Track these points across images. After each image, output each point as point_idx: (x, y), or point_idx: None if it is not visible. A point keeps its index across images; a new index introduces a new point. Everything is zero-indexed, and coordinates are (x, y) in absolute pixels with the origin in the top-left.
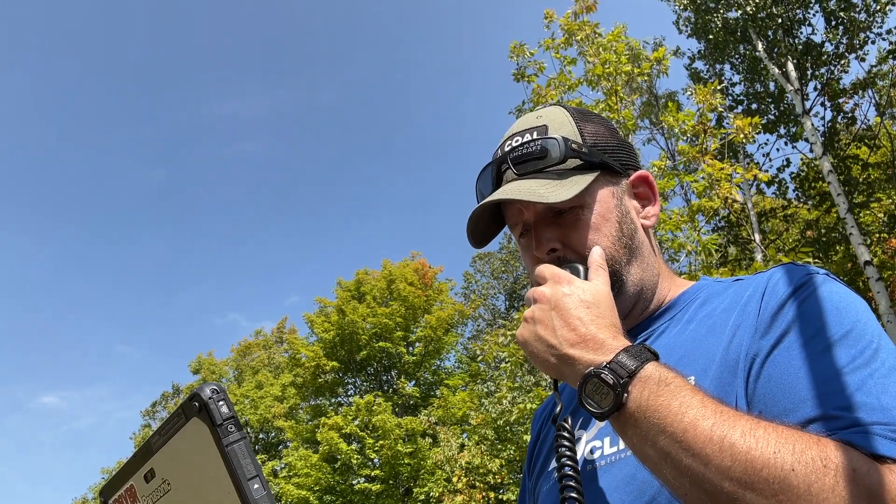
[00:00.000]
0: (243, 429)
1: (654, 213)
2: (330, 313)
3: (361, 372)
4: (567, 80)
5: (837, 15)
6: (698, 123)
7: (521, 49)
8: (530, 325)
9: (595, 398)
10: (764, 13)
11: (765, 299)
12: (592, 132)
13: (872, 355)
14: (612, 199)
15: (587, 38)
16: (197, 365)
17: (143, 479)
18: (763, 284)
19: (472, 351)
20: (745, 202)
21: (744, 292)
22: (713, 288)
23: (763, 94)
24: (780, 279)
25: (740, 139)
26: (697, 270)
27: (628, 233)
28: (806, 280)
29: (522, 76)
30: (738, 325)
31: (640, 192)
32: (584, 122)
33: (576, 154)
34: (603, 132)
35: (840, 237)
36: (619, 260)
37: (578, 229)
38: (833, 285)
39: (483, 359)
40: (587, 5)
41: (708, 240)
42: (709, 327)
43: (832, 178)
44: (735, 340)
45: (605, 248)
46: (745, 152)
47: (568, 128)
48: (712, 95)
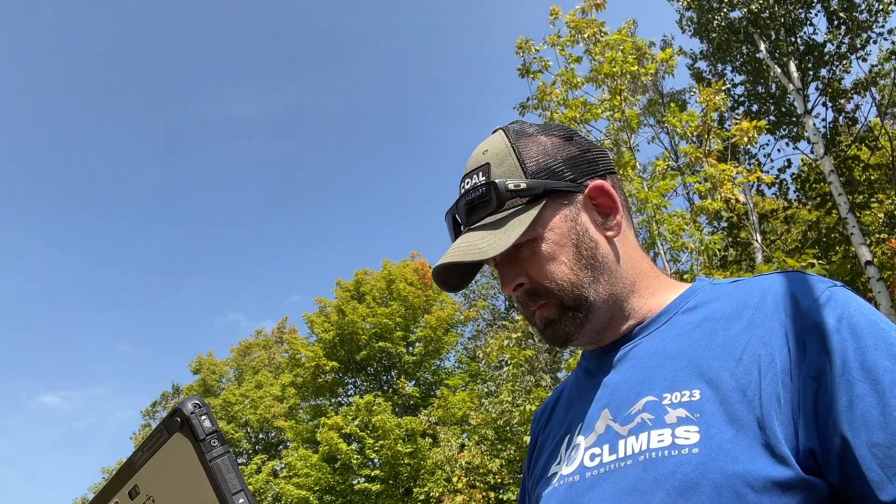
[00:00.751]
0: (227, 443)
1: (617, 221)
2: (330, 313)
3: (361, 372)
4: (572, 77)
5: (839, 15)
6: (702, 124)
7: (528, 45)
8: None
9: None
10: (767, 13)
11: (789, 317)
12: (535, 156)
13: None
14: (564, 224)
15: (592, 35)
16: (197, 365)
17: (128, 496)
18: (773, 295)
19: (472, 351)
20: (747, 203)
21: (748, 300)
22: (710, 291)
23: (764, 95)
24: (800, 294)
25: (744, 142)
26: (699, 271)
27: (588, 253)
28: (831, 298)
29: (528, 72)
30: (748, 340)
31: (598, 204)
32: (526, 145)
33: (514, 194)
34: (548, 150)
35: (840, 237)
36: (580, 283)
37: (536, 262)
38: (857, 305)
39: (485, 361)
40: (597, 3)
41: (711, 240)
42: (709, 337)
43: (833, 179)
44: (746, 358)
45: (564, 275)
46: (747, 153)
47: (509, 161)
48: (716, 95)
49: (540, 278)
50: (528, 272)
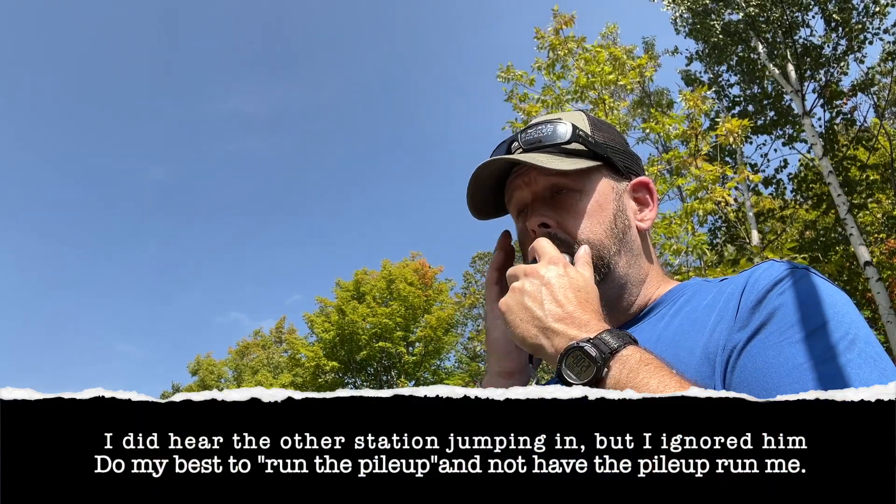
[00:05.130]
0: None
1: (651, 217)
2: (330, 313)
3: (361, 372)
4: (552, 92)
5: (835, 18)
6: (689, 128)
7: (510, 70)
8: (517, 296)
9: (575, 370)
10: (763, 17)
11: (745, 294)
12: (603, 133)
13: (849, 345)
14: (610, 192)
15: (570, 52)
16: (196, 365)
17: None
18: (744, 280)
19: (472, 351)
20: (744, 202)
21: (726, 288)
22: (700, 286)
23: (760, 96)
24: (761, 274)
25: (730, 142)
26: (689, 271)
27: (621, 227)
28: (785, 274)
29: (515, 97)
30: (719, 320)
31: (639, 197)
32: (599, 125)
33: (582, 140)
34: (613, 138)
35: (839, 238)
36: (608, 247)
37: (573, 212)
38: (813, 279)
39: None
40: (566, 20)
41: (697, 240)
42: (691, 322)
43: (832, 180)
44: (714, 335)
45: (596, 234)
46: (741, 153)
47: (582, 122)
48: (703, 101)
49: (572, 229)
50: (560, 219)
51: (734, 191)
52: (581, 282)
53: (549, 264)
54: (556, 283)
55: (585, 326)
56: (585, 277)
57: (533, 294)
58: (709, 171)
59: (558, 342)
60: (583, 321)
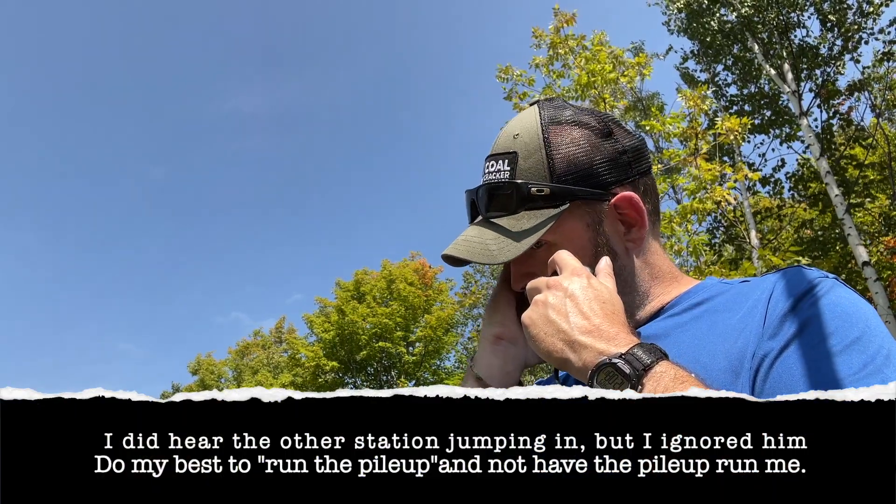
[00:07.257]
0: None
1: (640, 236)
2: (330, 313)
3: (361, 372)
4: (552, 91)
5: (830, 18)
6: (689, 128)
7: (509, 70)
8: (541, 309)
9: (607, 387)
10: (758, 17)
11: (772, 302)
12: (565, 154)
13: (885, 361)
14: (585, 234)
15: (571, 51)
16: (196, 365)
17: None
18: (771, 286)
19: (472, 351)
20: (742, 201)
21: (750, 294)
22: (717, 288)
23: (756, 96)
24: (789, 281)
25: (730, 140)
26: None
27: None
28: (815, 284)
29: (515, 96)
30: (743, 326)
31: (626, 215)
32: (558, 136)
33: (536, 198)
34: (580, 148)
35: (837, 237)
36: None
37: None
38: (842, 290)
39: None
40: (566, 18)
41: (697, 240)
42: (710, 325)
43: (830, 180)
44: (739, 341)
45: None
46: (739, 152)
47: (537, 156)
48: (702, 101)
49: None
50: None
51: (734, 190)
52: (606, 294)
53: (572, 276)
54: (580, 296)
55: (614, 340)
56: (609, 289)
57: (557, 307)
58: (708, 170)
59: (586, 356)
60: (610, 334)
